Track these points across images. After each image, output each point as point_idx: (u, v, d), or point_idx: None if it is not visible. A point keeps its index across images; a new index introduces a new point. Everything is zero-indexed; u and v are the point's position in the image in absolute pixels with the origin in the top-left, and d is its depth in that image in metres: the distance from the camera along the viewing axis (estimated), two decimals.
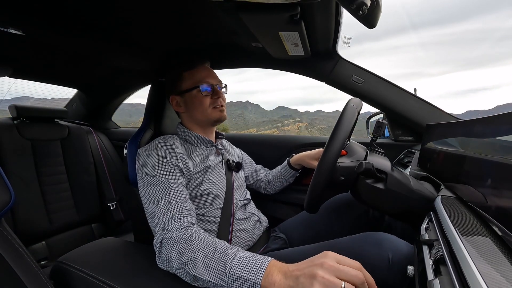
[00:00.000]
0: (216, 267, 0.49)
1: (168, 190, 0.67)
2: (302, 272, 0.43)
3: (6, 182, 0.48)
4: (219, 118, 0.88)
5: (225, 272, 0.48)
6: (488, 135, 0.50)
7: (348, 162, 0.68)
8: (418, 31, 67.89)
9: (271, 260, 0.48)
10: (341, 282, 0.40)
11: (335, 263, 0.42)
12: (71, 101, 1.81)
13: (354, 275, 0.41)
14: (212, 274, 0.49)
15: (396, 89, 1.06)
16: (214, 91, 0.86)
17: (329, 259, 0.43)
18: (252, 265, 0.47)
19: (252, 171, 1.10)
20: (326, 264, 0.42)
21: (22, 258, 0.46)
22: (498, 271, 0.29)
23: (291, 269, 0.45)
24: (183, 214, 0.62)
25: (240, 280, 0.47)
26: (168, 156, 0.75)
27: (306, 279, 0.42)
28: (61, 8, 0.77)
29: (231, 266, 0.48)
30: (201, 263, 0.51)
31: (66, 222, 1.34)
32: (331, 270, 0.41)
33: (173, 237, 0.56)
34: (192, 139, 0.88)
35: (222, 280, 0.48)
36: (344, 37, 0.95)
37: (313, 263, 0.43)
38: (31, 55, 1.13)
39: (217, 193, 0.81)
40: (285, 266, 0.46)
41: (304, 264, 0.44)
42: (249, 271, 0.47)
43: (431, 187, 0.69)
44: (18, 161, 1.24)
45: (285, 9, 0.63)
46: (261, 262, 0.48)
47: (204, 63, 0.91)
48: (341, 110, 0.68)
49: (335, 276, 0.41)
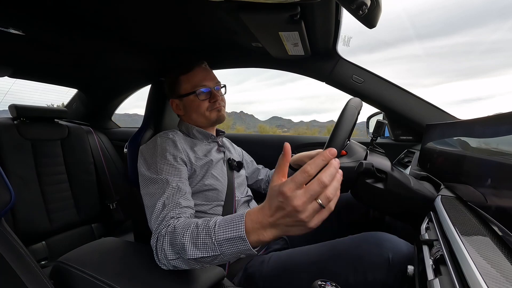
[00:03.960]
0: (204, 242, 0.50)
1: (166, 188, 0.67)
2: (285, 220, 0.42)
3: (6, 182, 0.48)
4: (217, 119, 0.87)
5: (213, 242, 0.49)
6: (488, 135, 0.50)
7: (347, 163, 0.68)
8: (411, 44, 70.96)
9: (245, 212, 0.48)
10: (317, 204, 0.40)
11: (302, 196, 0.40)
12: (71, 101, 1.80)
13: (318, 190, 0.40)
14: (204, 250, 0.50)
15: (396, 89, 1.06)
16: (211, 94, 0.86)
17: (296, 200, 0.40)
18: (231, 223, 0.48)
19: (253, 171, 1.10)
20: (298, 206, 0.40)
21: (22, 258, 0.46)
22: (498, 271, 0.29)
23: (270, 220, 0.44)
24: (177, 212, 0.62)
25: (228, 241, 0.48)
26: (170, 148, 0.75)
27: (294, 227, 0.42)
28: (61, 8, 0.77)
29: (215, 234, 0.49)
30: (190, 244, 0.51)
31: (66, 222, 1.34)
32: (305, 204, 0.40)
33: (161, 234, 0.57)
34: (194, 133, 0.88)
35: (214, 250, 0.49)
36: (344, 37, 0.95)
37: (286, 210, 0.41)
38: (31, 55, 1.13)
39: (220, 189, 0.81)
40: (259, 216, 0.45)
41: (277, 214, 0.43)
42: (231, 229, 0.48)
43: (431, 187, 0.69)
44: (18, 161, 1.24)
45: (285, 9, 0.63)
46: (238, 217, 0.48)
47: (200, 64, 0.89)
48: (341, 110, 0.68)
49: (311, 202, 0.40)
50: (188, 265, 0.54)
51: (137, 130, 0.93)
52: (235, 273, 0.76)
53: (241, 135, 1.51)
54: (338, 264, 0.64)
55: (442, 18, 36.93)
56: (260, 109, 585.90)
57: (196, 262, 0.52)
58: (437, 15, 39.12)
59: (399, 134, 1.14)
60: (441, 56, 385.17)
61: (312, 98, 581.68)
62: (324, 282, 0.50)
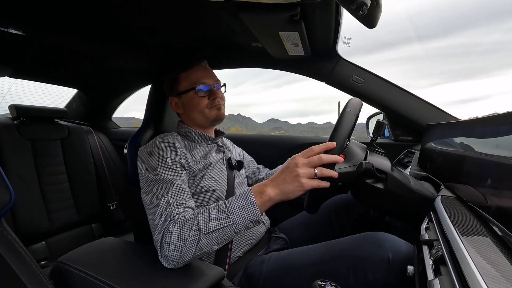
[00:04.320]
0: (218, 215, 0.58)
1: (170, 187, 0.67)
2: (286, 176, 0.57)
3: (6, 182, 0.48)
4: (216, 117, 0.87)
5: (227, 213, 0.57)
6: (488, 135, 0.50)
7: (345, 168, 0.67)
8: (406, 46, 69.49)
9: (250, 188, 0.60)
10: (313, 171, 0.56)
11: (303, 159, 0.57)
12: (71, 101, 1.80)
13: (317, 159, 0.56)
14: (218, 221, 0.57)
15: (396, 89, 1.06)
16: (211, 91, 0.86)
17: (298, 159, 0.57)
18: (241, 196, 0.59)
19: (253, 170, 1.10)
20: (298, 163, 0.56)
21: (22, 258, 0.46)
22: (498, 271, 0.29)
23: (273, 179, 0.59)
24: (181, 209, 0.63)
25: (240, 208, 0.57)
26: (169, 153, 0.75)
27: (292, 178, 0.56)
28: (61, 8, 0.77)
29: (228, 207, 0.58)
30: (203, 222, 0.57)
31: (66, 222, 1.34)
32: (304, 166, 0.56)
33: (168, 228, 0.59)
34: (193, 136, 0.88)
35: (227, 220, 0.57)
36: (344, 37, 0.95)
37: (289, 167, 0.57)
38: (31, 55, 1.13)
39: (219, 190, 0.81)
40: (261, 184, 0.60)
41: (285, 171, 0.58)
42: (242, 199, 0.58)
43: (431, 187, 0.69)
44: (18, 161, 1.24)
45: (285, 9, 0.63)
46: (246, 191, 0.60)
47: (200, 63, 0.89)
48: (340, 112, 0.68)
49: (309, 167, 0.56)
50: (196, 249, 0.57)
51: (137, 130, 0.93)
52: (235, 273, 0.76)
53: (241, 135, 1.51)
54: (338, 264, 0.64)
55: (438, 19, 36.01)
56: (257, 111, 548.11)
57: (208, 241, 0.57)
58: (433, 16, 38.46)
59: (399, 134, 1.14)
60: (436, 57, 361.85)
61: (309, 100, 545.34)
62: (324, 282, 0.50)
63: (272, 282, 0.70)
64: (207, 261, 0.75)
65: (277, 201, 0.58)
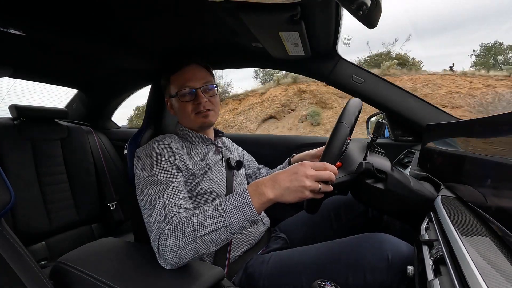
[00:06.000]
0: (213, 216, 0.56)
1: (166, 189, 0.67)
2: (291, 183, 0.55)
3: (6, 182, 0.48)
4: (201, 125, 0.84)
5: (222, 215, 0.56)
6: (488, 135, 0.50)
7: (341, 177, 0.64)
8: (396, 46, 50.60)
9: (246, 187, 0.59)
10: (319, 185, 0.55)
11: (313, 171, 0.56)
12: (71, 101, 1.80)
13: (327, 177, 0.56)
14: (213, 223, 0.56)
15: (396, 89, 1.06)
16: (196, 95, 0.81)
17: (308, 170, 0.55)
18: (236, 196, 0.58)
19: (254, 170, 1.10)
20: (309, 175, 0.55)
21: (22, 258, 0.46)
22: (498, 271, 0.29)
23: (276, 182, 0.57)
24: (178, 211, 0.62)
25: (235, 209, 0.56)
26: (166, 155, 0.75)
27: (297, 187, 0.55)
28: (61, 8, 0.77)
29: (223, 207, 0.57)
30: (199, 223, 0.56)
31: (66, 222, 1.34)
32: (313, 178, 0.55)
33: (164, 230, 0.58)
34: (191, 137, 0.87)
35: (222, 221, 0.56)
36: (344, 37, 0.95)
37: (298, 175, 0.55)
38: (31, 55, 1.13)
39: (218, 191, 0.80)
40: (259, 181, 0.58)
41: (291, 176, 0.56)
42: (237, 199, 0.57)
43: (431, 187, 0.69)
44: (18, 161, 1.24)
45: (285, 9, 0.63)
46: (240, 190, 0.58)
47: (190, 63, 0.85)
48: (341, 110, 0.68)
49: (316, 181, 0.55)
50: (193, 251, 0.56)
51: (137, 131, 0.93)
52: (234, 272, 0.76)
53: (241, 135, 1.51)
54: (337, 264, 0.64)
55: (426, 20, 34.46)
56: None
57: (205, 242, 0.56)
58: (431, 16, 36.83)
59: (399, 134, 1.14)
60: None
61: None
62: (324, 282, 0.51)
63: (272, 282, 0.70)
64: (207, 260, 0.75)
65: (275, 202, 0.57)
